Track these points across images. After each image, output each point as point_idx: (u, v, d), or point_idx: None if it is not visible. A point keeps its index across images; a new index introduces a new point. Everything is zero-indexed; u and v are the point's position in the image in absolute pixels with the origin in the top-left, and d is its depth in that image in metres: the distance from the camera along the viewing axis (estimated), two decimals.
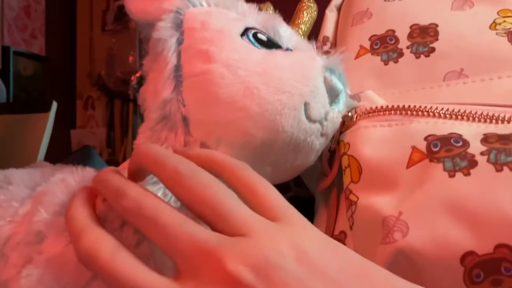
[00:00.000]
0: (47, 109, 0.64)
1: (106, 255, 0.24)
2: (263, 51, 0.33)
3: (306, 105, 0.32)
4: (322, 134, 0.34)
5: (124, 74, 2.13)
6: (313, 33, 0.47)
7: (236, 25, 0.34)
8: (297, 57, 0.34)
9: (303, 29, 0.43)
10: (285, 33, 0.36)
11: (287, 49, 0.35)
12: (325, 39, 0.47)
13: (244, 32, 0.34)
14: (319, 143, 0.34)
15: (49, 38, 2.26)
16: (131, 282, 0.23)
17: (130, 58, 2.14)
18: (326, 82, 0.33)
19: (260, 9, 0.38)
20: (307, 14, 0.43)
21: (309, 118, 0.32)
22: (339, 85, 0.34)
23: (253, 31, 0.34)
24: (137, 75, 2.07)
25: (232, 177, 0.27)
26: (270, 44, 0.34)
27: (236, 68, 0.31)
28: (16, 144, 0.63)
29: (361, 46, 0.41)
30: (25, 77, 2.17)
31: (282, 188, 0.40)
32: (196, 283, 0.23)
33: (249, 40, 0.33)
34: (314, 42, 0.37)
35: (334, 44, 0.46)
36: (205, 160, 0.29)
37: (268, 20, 0.36)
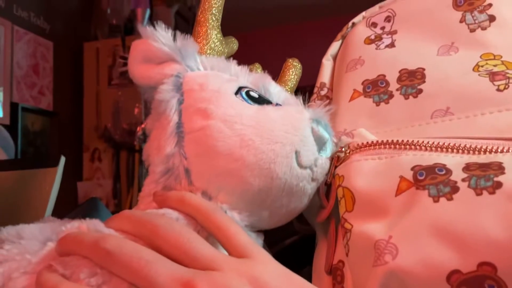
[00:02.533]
0: (55, 163, 0.64)
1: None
2: (255, 106, 0.36)
3: (297, 153, 0.35)
4: (313, 179, 0.37)
5: (130, 126, 2.16)
6: (311, 82, 0.50)
7: (230, 85, 0.37)
8: (287, 111, 0.37)
9: (290, 86, 0.46)
10: (274, 90, 0.40)
11: (277, 104, 0.38)
12: (322, 85, 0.50)
13: (238, 91, 0.37)
14: (310, 188, 0.37)
15: (56, 94, 2.31)
16: None
17: (136, 110, 2.18)
18: (314, 132, 0.37)
19: (250, 70, 0.41)
20: (293, 72, 0.47)
21: (300, 165, 0.35)
22: (325, 134, 0.37)
23: (245, 90, 0.37)
24: (143, 126, 2.10)
25: (205, 219, 0.32)
26: (261, 100, 0.37)
27: (232, 122, 0.34)
28: (25, 199, 0.63)
29: (354, 90, 0.44)
30: (33, 132, 2.19)
31: (289, 232, 0.42)
32: None
33: (243, 97, 0.37)
34: (301, 97, 0.40)
35: (331, 89, 0.49)
36: (181, 203, 0.33)
37: (259, 79, 0.40)
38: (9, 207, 0.61)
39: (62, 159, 0.66)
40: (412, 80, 0.41)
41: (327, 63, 0.52)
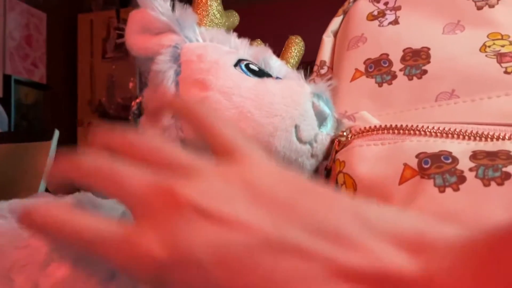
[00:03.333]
0: (49, 137, 0.64)
1: (61, 214, 0.25)
2: (255, 79, 0.35)
3: (296, 127, 0.34)
4: (312, 155, 0.36)
5: (124, 100, 2.15)
6: (311, 58, 0.49)
7: (229, 57, 0.36)
8: (287, 84, 0.36)
9: (292, 63, 0.45)
10: (275, 64, 0.39)
11: (277, 78, 0.37)
12: (322, 63, 0.48)
13: (237, 63, 0.36)
14: (309, 164, 0.36)
15: (50, 67, 2.29)
16: (90, 232, 0.24)
17: (131, 84, 2.17)
18: (314, 107, 0.36)
19: (251, 45, 0.40)
20: (295, 50, 0.46)
21: (299, 140, 0.35)
22: (326, 109, 0.36)
23: (245, 62, 0.36)
24: (138, 100, 2.09)
25: (190, 117, 0.28)
26: (261, 73, 0.37)
27: (231, 94, 0.34)
28: (18, 173, 0.63)
29: (356, 69, 0.43)
30: (26, 105, 2.18)
31: None
32: (149, 218, 0.23)
33: (242, 70, 0.36)
34: (302, 72, 0.39)
35: (331, 68, 0.48)
36: (165, 104, 0.31)
37: (259, 52, 0.39)
38: (2, 181, 0.61)
39: (56, 133, 0.65)
40: (416, 60, 0.40)
41: (327, 40, 0.50)
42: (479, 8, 0.42)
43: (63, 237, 0.25)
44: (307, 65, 0.47)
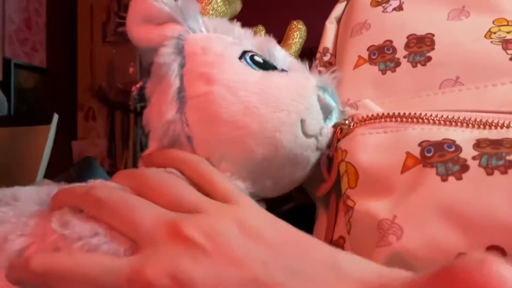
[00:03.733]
0: (49, 121, 0.65)
1: (63, 260, 0.27)
2: (260, 72, 0.35)
3: (302, 121, 0.34)
4: (317, 148, 0.36)
5: (124, 85, 2.14)
6: (314, 44, 0.48)
7: (234, 49, 0.36)
8: (292, 77, 0.36)
9: (294, 49, 0.45)
10: (279, 54, 0.39)
11: (282, 70, 0.37)
12: (325, 50, 0.48)
13: (242, 55, 0.36)
14: (314, 157, 0.36)
15: (50, 51, 2.28)
16: (97, 270, 0.26)
17: (131, 69, 2.16)
18: (320, 100, 0.35)
19: (253, 33, 0.40)
20: (297, 35, 0.45)
21: (305, 134, 0.34)
22: (332, 102, 0.36)
23: (250, 54, 0.36)
24: (138, 85, 2.08)
25: (192, 172, 0.32)
26: (266, 65, 0.36)
27: (236, 89, 0.33)
28: (18, 156, 0.63)
29: (359, 57, 0.42)
30: (26, 89, 2.18)
31: (285, 199, 0.41)
32: (154, 249, 0.26)
33: (247, 62, 0.35)
34: (307, 62, 0.39)
35: (334, 55, 0.47)
36: (167, 159, 0.33)
37: (263, 43, 0.38)
38: (2, 164, 0.61)
39: (55, 117, 0.65)
40: (420, 47, 0.39)
41: (330, 27, 0.49)
42: None
43: (71, 282, 0.26)
44: (310, 51, 0.46)
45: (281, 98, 0.34)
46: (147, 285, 0.25)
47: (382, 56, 0.41)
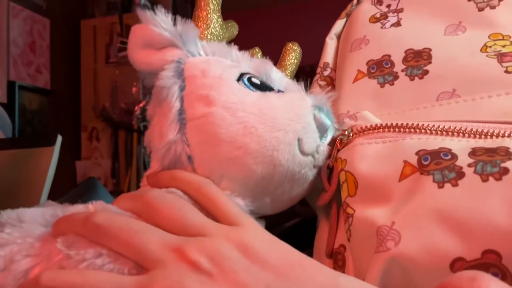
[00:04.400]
0: (52, 143, 0.64)
1: (72, 277, 0.27)
2: (258, 93, 0.36)
3: (299, 140, 0.35)
4: (314, 166, 0.37)
5: (127, 105, 2.16)
6: (315, 60, 0.49)
7: (232, 72, 0.37)
8: (289, 98, 0.37)
9: (290, 70, 0.46)
10: (276, 76, 0.40)
11: (278, 91, 0.38)
12: (325, 64, 0.49)
13: (240, 77, 0.36)
14: (312, 174, 0.37)
15: (54, 72, 2.29)
16: (99, 286, 0.26)
17: (134, 89, 2.17)
18: (316, 119, 0.36)
19: (250, 54, 0.41)
20: (293, 57, 0.46)
21: (302, 152, 0.35)
22: (327, 121, 0.37)
23: (247, 76, 0.37)
24: (141, 105, 2.09)
25: (197, 193, 0.32)
26: (263, 87, 0.37)
27: (235, 110, 0.34)
28: (22, 178, 0.63)
29: (358, 71, 0.43)
30: (30, 111, 2.18)
31: (290, 214, 0.42)
32: (162, 272, 0.27)
33: (245, 84, 0.36)
34: (302, 83, 0.40)
35: (334, 69, 0.48)
36: (172, 180, 0.34)
37: (260, 65, 0.39)
38: (5, 186, 0.61)
39: (59, 138, 0.65)
40: (418, 61, 0.40)
41: (330, 42, 0.50)
42: (481, 10, 0.42)
43: None
44: (308, 70, 0.47)
45: (278, 118, 0.34)
46: None
47: (380, 70, 0.42)
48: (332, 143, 0.38)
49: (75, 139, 2.31)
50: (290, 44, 0.47)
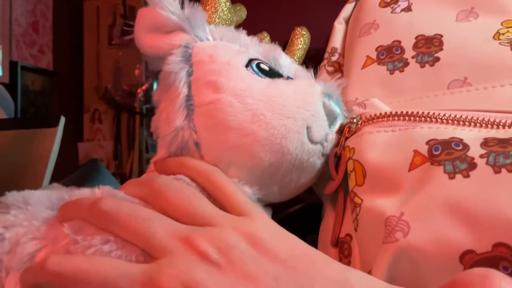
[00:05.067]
0: (55, 124, 0.64)
1: (78, 263, 0.27)
2: (266, 80, 0.35)
3: (308, 128, 0.34)
4: (323, 154, 0.36)
5: (130, 87, 2.15)
6: (323, 45, 0.49)
7: (241, 57, 0.36)
8: (298, 85, 0.36)
9: (298, 55, 0.45)
10: (285, 62, 0.39)
11: (288, 78, 0.37)
12: (333, 50, 0.48)
13: (248, 63, 0.36)
14: (320, 163, 0.37)
15: (56, 53, 2.29)
16: (113, 275, 0.26)
17: (136, 71, 2.16)
18: (325, 107, 0.36)
19: (259, 39, 0.40)
20: (301, 42, 0.45)
21: (311, 140, 0.35)
22: (336, 109, 0.37)
23: (256, 62, 0.36)
24: (143, 87, 2.08)
25: (205, 181, 0.32)
26: (272, 73, 0.37)
27: (244, 97, 0.34)
28: (25, 159, 0.63)
29: (367, 57, 0.42)
30: (33, 91, 2.18)
31: (294, 200, 0.41)
32: (170, 260, 0.26)
33: (253, 70, 0.36)
34: (311, 70, 0.39)
35: (342, 55, 0.47)
36: (180, 167, 0.33)
37: (269, 51, 0.39)
38: (9, 167, 0.61)
39: (62, 119, 0.65)
40: (429, 47, 0.39)
41: (339, 27, 0.49)
42: None
43: (87, 284, 0.26)
44: (317, 52, 0.46)
45: (288, 105, 0.34)
46: None
47: (390, 56, 0.41)
48: (340, 131, 0.37)
49: (77, 121, 2.31)
50: (298, 29, 0.46)
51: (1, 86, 1.03)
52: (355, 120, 0.37)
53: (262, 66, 0.36)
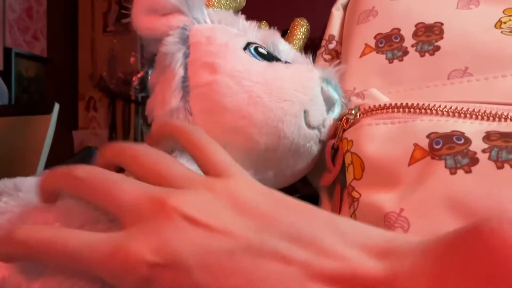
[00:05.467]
0: (49, 111, 0.64)
1: (44, 233, 0.26)
2: (264, 63, 0.35)
3: (305, 112, 0.34)
4: (320, 140, 0.36)
5: (125, 75, 2.14)
6: (319, 32, 0.48)
7: (239, 40, 0.36)
8: (296, 69, 0.36)
9: (298, 46, 0.45)
10: (284, 47, 0.39)
11: (286, 62, 0.37)
12: (331, 37, 0.47)
13: (246, 46, 0.36)
14: (317, 149, 0.36)
15: (51, 40, 2.27)
16: (74, 244, 0.25)
17: (132, 59, 2.15)
18: (323, 92, 0.36)
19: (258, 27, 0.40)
20: (301, 32, 0.45)
21: (308, 125, 0.35)
22: (335, 94, 0.36)
23: (254, 45, 0.36)
24: (139, 75, 2.07)
25: (185, 139, 0.30)
26: (270, 57, 0.36)
27: (240, 78, 0.33)
28: (19, 146, 0.63)
29: (366, 45, 0.41)
30: (27, 78, 2.17)
31: (290, 189, 0.41)
32: (139, 225, 0.25)
33: (251, 53, 0.35)
34: (310, 56, 0.39)
35: (340, 43, 0.46)
36: (164, 127, 0.32)
37: (268, 36, 0.39)
38: (2, 153, 0.61)
39: (56, 106, 0.65)
40: (429, 36, 0.38)
41: (336, 14, 0.48)
42: None
43: (50, 254, 0.25)
44: (313, 43, 0.46)
45: (285, 88, 0.34)
46: (130, 261, 0.23)
47: (389, 44, 0.40)
48: (338, 121, 0.37)
49: (72, 109, 2.30)
50: (298, 20, 0.46)
51: None
52: (353, 112, 0.36)
53: (260, 50, 0.36)
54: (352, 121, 0.35)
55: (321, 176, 0.38)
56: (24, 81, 2.15)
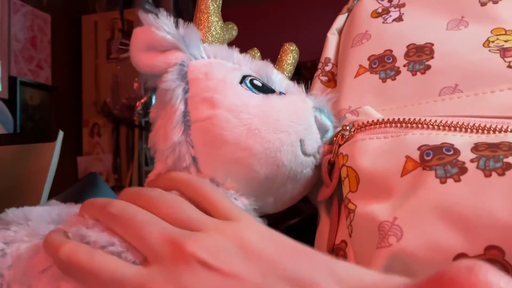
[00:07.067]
0: (54, 138, 0.64)
1: (84, 256, 0.28)
2: (260, 96, 0.36)
3: (301, 141, 0.36)
4: (315, 166, 0.38)
5: (129, 101, 2.15)
6: (316, 56, 0.49)
7: (235, 74, 0.37)
8: (291, 100, 0.37)
9: (288, 70, 0.46)
10: (277, 78, 0.40)
11: (280, 93, 0.38)
12: (327, 60, 0.49)
13: (242, 80, 0.37)
14: (313, 175, 0.38)
15: (55, 68, 2.29)
16: (108, 273, 0.28)
17: (135, 85, 2.17)
18: (317, 120, 0.37)
19: (250, 55, 0.41)
20: (291, 57, 0.47)
21: (304, 153, 0.36)
22: (328, 122, 0.38)
23: (249, 78, 0.37)
24: (142, 100, 2.09)
25: (192, 192, 0.33)
26: (265, 89, 0.38)
27: (239, 112, 0.35)
28: (24, 174, 0.63)
29: (360, 66, 0.43)
30: (32, 106, 2.18)
31: (293, 212, 0.42)
32: (160, 265, 0.28)
33: (247, 86, 0.37)
34: (302, 85, 0.41)
35: (335, 65, 0.48)
36: (171, 181, 0.35)
37: (261, 68, 0.40)
38: (7, 182, 0.61)
39: (60, 134, 0.65)
40: (420, 56, 0.40)
41: (332, 38, 0.50)
42: (483, 4, 0.42)
43: (86, 277, 0.28)
44: (310, 65, 0.47)
45: (281, 120, 0.35)
46: None
47: (382, 65, 0.41)
48: (331, 140, 0.38)
49: (76, 135, 2.31)
50: (287, 45, 0.47)
51: (1, 102, 1.03)
52: (348, 128, 0.37)
53: (256, 82, 0.37)
54: (347, 136, 0.37)
55: (319, 191, 0.39)
56: (29, 109, 2.16)
